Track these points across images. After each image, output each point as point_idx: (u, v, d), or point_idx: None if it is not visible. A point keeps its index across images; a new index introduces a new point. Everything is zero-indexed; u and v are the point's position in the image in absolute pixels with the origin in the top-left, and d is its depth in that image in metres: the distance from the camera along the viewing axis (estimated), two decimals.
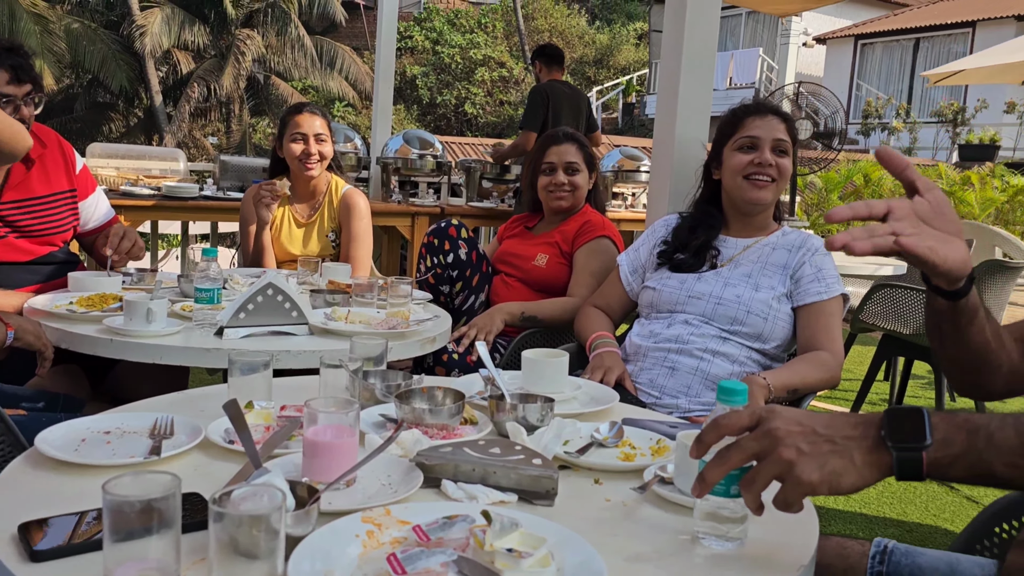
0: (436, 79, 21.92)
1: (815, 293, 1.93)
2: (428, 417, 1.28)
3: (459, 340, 2.36)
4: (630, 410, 1.55)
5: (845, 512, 2.95)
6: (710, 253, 2.04)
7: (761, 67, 18.08)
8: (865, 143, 16.07)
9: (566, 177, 2.58)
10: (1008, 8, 16.12)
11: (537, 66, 5.48)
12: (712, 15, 2.77)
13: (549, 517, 1.00)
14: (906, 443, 0.85)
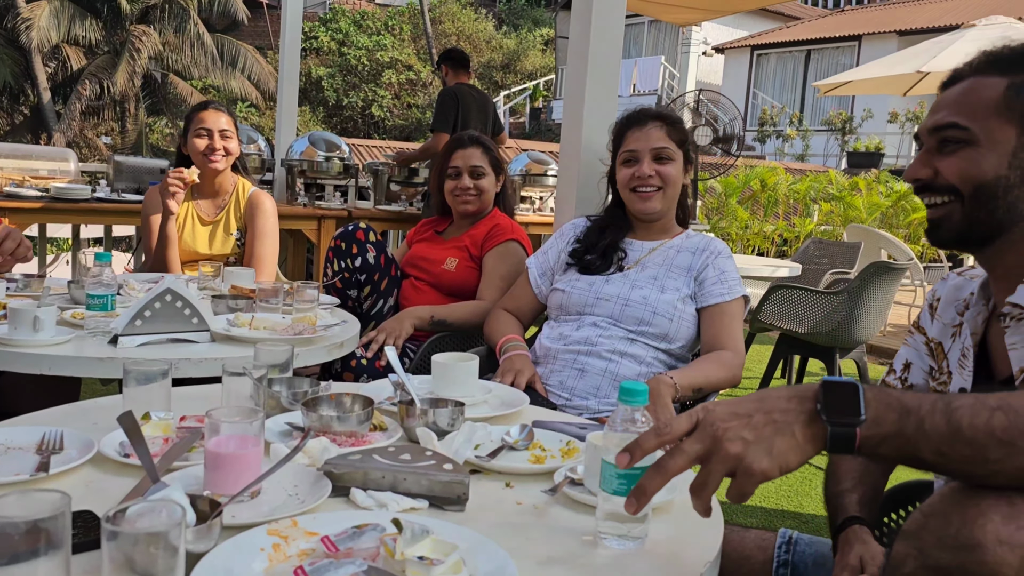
0: (342, 81, 21.61)
1: (718, 295, 1.98)
2: (336, 424, 1.25)
3: (368, 345, 2.33)
4: (540, 412, 1.56)
5: (746, 507, 3.05)
6: (617, 255, 2.08)
7: (663, 75, 18.55)
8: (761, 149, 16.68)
9: (471, 181, 2.58)
10: (890, 24, 17.05)
11: (444, 69, 5.47)
12: (617, 23, 2.82)
13: (461, 523, 1.00)
14: (841, 418, 0.85)
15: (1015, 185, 1.09)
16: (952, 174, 1.12)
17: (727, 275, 2.01)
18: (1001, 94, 1.09)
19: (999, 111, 1.09)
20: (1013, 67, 1.11)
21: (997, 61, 1.13)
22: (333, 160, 5.13)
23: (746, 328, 4.17)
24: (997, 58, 1.13)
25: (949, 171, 1.12)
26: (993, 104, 1.10)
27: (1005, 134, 1.09)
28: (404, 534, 0.85)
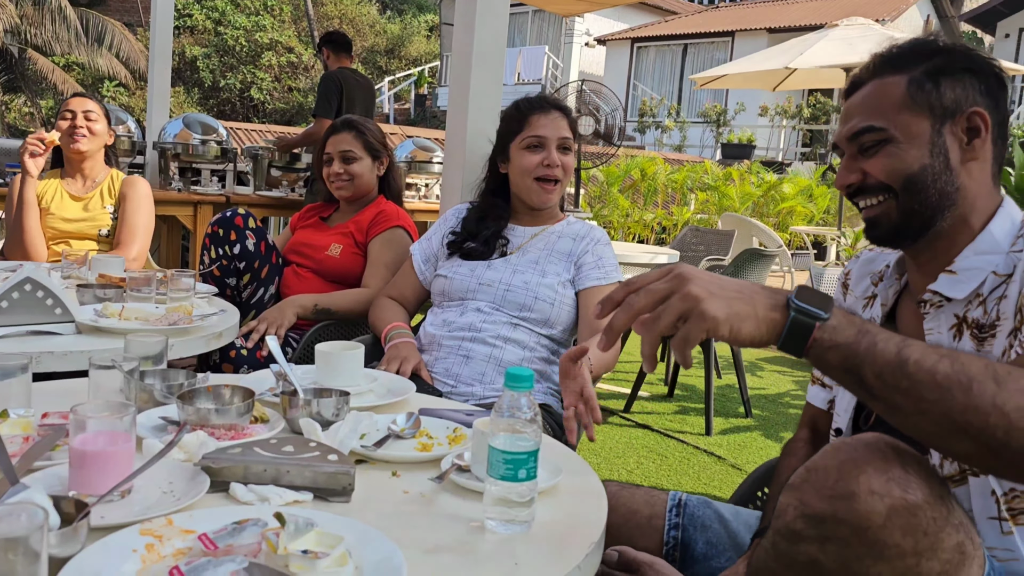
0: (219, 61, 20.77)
1: (595, 278, 2.03)
2: (214, 417, 1.21)
3: (248, 335, 2.26)
4: (426, 400, 1.56)
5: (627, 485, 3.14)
6: (499, 242, 2.09)
7: (547, 64, 18.74)
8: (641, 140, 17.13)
9: (342, 166, 2.54)
10: (761, 21, 17.81)
11: (325, 53, 5.34)
12: (501, 11, 2.82)
13: (346, 514, 0.98)
14: (806, 308, 0.90)
15: (941, 171, 1.14)
16: (880, 173, 1.16)
17: (604, 261, 2.06)
18: (904, 90, 1.15)
19: (907, 105, 1.15)
20: (907, 63, 1.17)
21: (891, 60, 1.18)
22: (210, 144, 4.93)
23: None
24: (890, 58, 1.19)
25: (877, 170, 1.16)
26: (900, 100, 1.15)
27: (919, 126, 1.14)
28: (287, 528, 0.83)
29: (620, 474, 3.26)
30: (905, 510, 0.88)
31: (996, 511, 1.08)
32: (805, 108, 15.83)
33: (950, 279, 1.16)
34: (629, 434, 3.78)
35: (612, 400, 4.33)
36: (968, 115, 1.14)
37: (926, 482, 0.90)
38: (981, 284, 1.14)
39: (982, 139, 1.15)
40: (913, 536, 0.88)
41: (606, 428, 3.84)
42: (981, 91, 1.15)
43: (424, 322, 2.10)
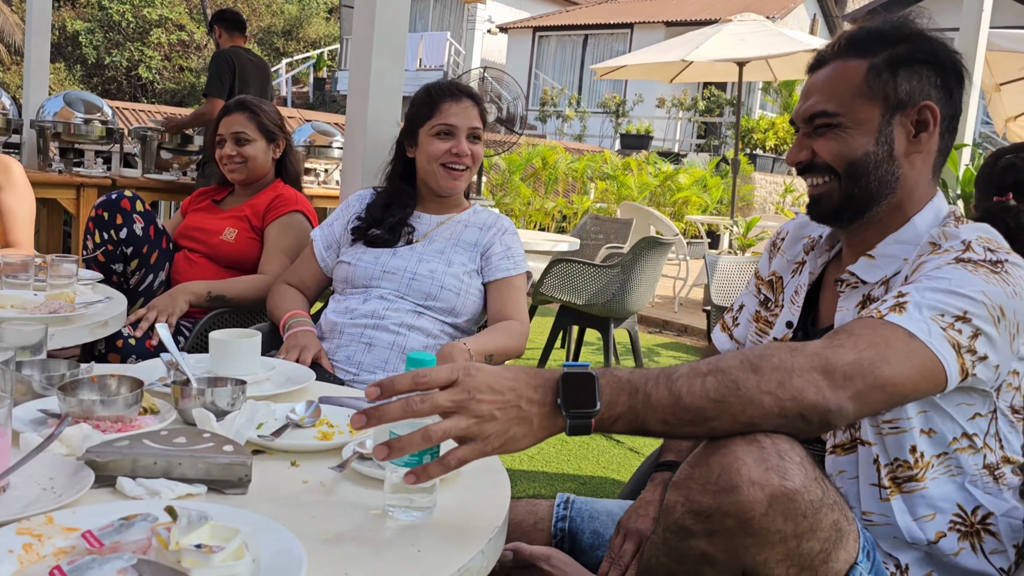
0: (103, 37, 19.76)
1: (505, 269, 2.03)
2: (99, 409, 1.15)
3: (136, 324, 2.16)
4: (327, 388, 1.53)
5: (529, 472, 3.17)
6: (405, 230, 2.06)
7: (449, 51, 18.63)
8: (543, 129, 17.28)
9: (235, 148, 2.45)
10: (659, 14, 18.21)
11: (217, 31, 5.14)
12: None
13: (243, 506, 0.95)
14: (578, 410, 0.93)
15: (884, 160, 1.19)
16: (827, 154, 1.21)
17: (513, 251, 2.06)
18: (862, 77, 1.19)
19: (862, 93, 1.18)
20: (870, 48, 1.20)
21: (855, 43, 1.21)
22: (93, 123, 4.68)
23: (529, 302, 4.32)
24: (856, 39, 1.22)
25: (824, 152, 1.21)
26: (856, 86, 1.19)
27: (869, 113, 1.18)
28: (179, 522, 0.80)
29: (522, 460, 3.29)
30: (784, 496, 0.93)
31: (877, 478, 1.14)
32: (700, 101, 16.30)
33: (868, 263, 1.22)
34: None
35: None
36: (919, 108, 1.18)
37: (801, 466, 0.96)
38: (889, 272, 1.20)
39: (929, 132, 1.20)
40: (793, 520, 0.93)
41: None
42: (936, 84, 1.19)
43: (325, 309, 2.05)
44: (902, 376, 0.99)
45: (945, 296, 1.05)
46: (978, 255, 1.09)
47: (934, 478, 1.14)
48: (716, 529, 0.95)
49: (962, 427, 1.14)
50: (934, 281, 1.07)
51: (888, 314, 1.04)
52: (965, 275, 1.07)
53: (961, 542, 1.14)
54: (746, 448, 0.96)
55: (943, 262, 1.09)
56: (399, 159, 2.13)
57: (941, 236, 1.15)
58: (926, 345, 1.01)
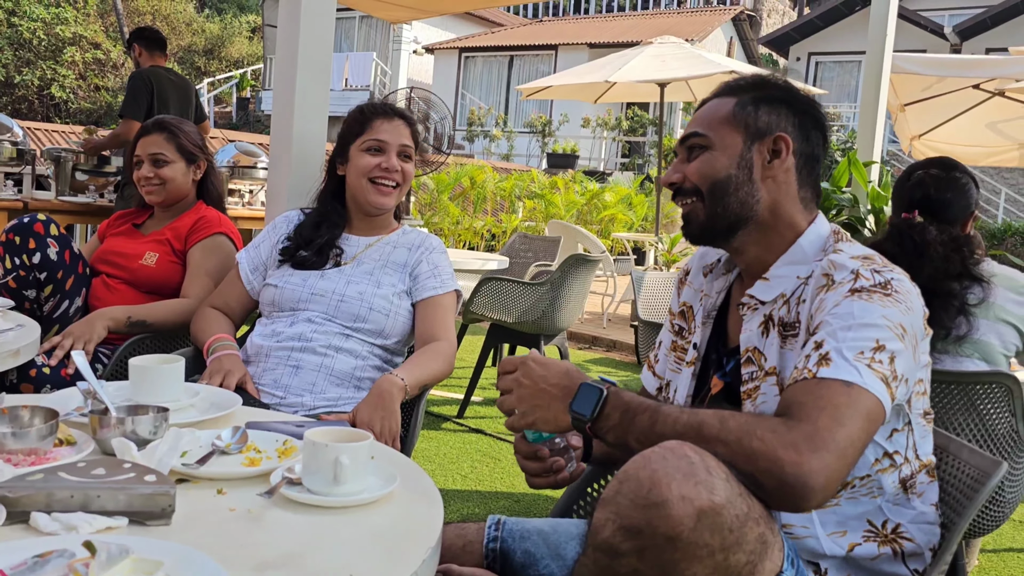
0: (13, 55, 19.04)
1: (431, 288, 2.02)
2: (11, 442, 1.10)
3: (51, 352, 2.07)
4: (254, 413, 1.50)
5: (463, 491, 3.16)
6: (333, 252, 2.04)
7: (375, 71, 18.57)
8: (470, 148, 17.33)
9: (152, 170, 2.40)
10: (582, 36, 18.53)
11: (136, 50, 5.01)
12: (327, 13, 2.76)
13: (167, 537, 0.93)
14: (578, 412, 1.17)
15: (744, 183, 1.30)
16: (693, 175, 1.33)
17: (440, 270, 2.05)
18: (730, 109, 1.33)
19: (729, 121, 1.32)
20: (740, 91, 1.35)
21: (730, 88, 1.37)
22: (3, 144, 4.50)
23: (459, 321, 4.31)
24: (730, 86, 1.38)
25: (692, 173, 1.33)
26: (724, 116, 1.33)
27: (733, 139, 1.31)
28: (98, 557, 0.77)
29: (455, 480, 3.27)
30: (712, 511, 0.96)
31: None
32: (624, 120, 16.61)
33: (764, 285, 1.31)
34: (463, 439, 3.80)
35: (446, 406, 4.34)
36: (775, 138, 1.31)
37: (727, 481, 0.99)
38: (786, 288, 1.28)
39: (782, 160, 1.31)
40: (720, 534, 0.96)
41: (440, 434, 3.85)
42: (793, 123, 1.32)
43: (251, 333, 2.01)
44: (856, 431, 1.06)
45: (856, 332, 1.13)
46: (868, 280, 1.18)
47: (850, 498, 1.20)
48: (646, 546, 0.96)
49: (883, 447, 1.20)
50: (839, 319, 1.15)
51: (818, 370, 1.11)
52: (864, 306, 1.15)
53: (881, 548, 1.19)
54: (676, 463, 0.98)
55: (840, 297, 1.18)
56: (331, 177, 2.12)
57: (831, 267, 1.22)
58: (863, 388, 1.08)
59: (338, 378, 1.89)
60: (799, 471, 1.01)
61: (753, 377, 1.28)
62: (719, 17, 18.95)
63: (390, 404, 1.74)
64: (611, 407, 1.15)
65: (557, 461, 1.35)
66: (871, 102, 4.63)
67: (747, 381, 1.29)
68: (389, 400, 1.74)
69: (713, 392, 1.38)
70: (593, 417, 1.16)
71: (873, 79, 4.64)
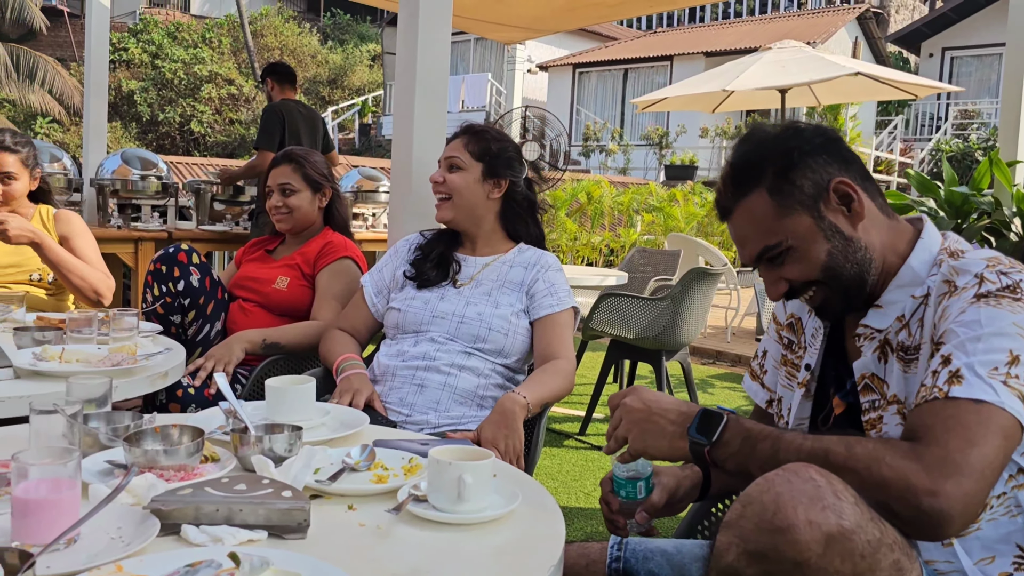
0: (157, 95, 20.46)
1: (548, 306, 2.03)
2: (163, 459, 1.18)
3: (195, 373, 2.21)
4: (381, 432, 1.54)
5: (585, 509, 3.14)
6: (452, 267, 2.09)
7: (491, 91, 18.89)
8: (586, 163, 17.35)
9: (281, 199, 2.53)
10: (698, 45, 18.25)
11: (269, 84, 5.30)
12: (443, 39, 2.85)
13: (302, 550, 0.97)
14: (697, 438, 1.15)
15: (844, 246, 1.21)
16: (798, 275, 1.24)
17: (557, 287, 2.07)
18: (769, 201, 1.22)
19: (780, 214, 1.22)
20: (753, 177, 1.24)
21: (739, 182, 1.25)
22: (149, 179, 4.85)
23: (579, 337, 4.31)
24: (736, 180, 1.26)
25: (795, 275, 1.24)
26: (772, 212, 1.22)
27: (802, 223, 1.21)
28: (242, 568, 0.82)
29: (577, 497, 3.26)
30: (841, 536, 0.92)
31: None
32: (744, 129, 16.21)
33: (877, 312, 1.24)
34: (585, 456, 3.79)
35: (567, 423, 4.34)
36: (832, 188, 1.21)
37: (856, 505, 0.95)
38: (903, 310, 1.21)
39: (858, 199, 1.21)
40: (851, 560, 0.92)
41: (562, 451, 3.85)
42: (827, 161, 1.22)
43: (377, 353, 2.08)
44: (991, 451, 1.00)
45: (986, 343, 1.06)
46: (994, 284, 1.10)
47: (991, 519, 1.12)
48: (772, 572, 0.93)
49: (1017, 463, 1.11)
50: (966, 329, 1.08)
51: (950, 389, 1.05)
52: (992, 313, 1.08)
53: None
54: (801, 486, 0.95)
55: (965, 303, 1.10)
56: None
57: (952, 272, 1.15)
58: (998, 407, 1.02)
59: (461, 397, 1.93)
60: (935, 499, 0.96)
61: (875, 406, 1.22)
62: (842, 17, 18.24)
63: (513, 422, 1.76)
64: (732, 433, 1.14)
65: (618, 519, 1.35)
66: (1014, 97, 4.34)
67: (868, 410, 1.23)
68: (512, 418, 1.76)
69: (836, 413, 1.32)
70: (713, 442, 1.13)
71: (1015, 72, 4.35)
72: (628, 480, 1.34)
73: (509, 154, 2.12)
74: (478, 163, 2.07)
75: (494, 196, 2.10)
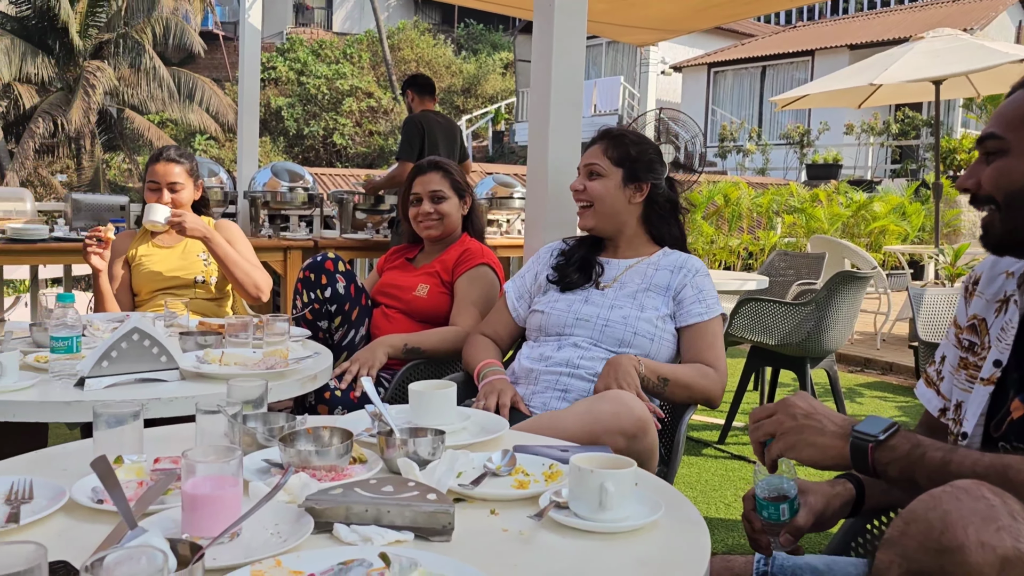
0: (302, 110, 21.55)
1: (697, 314, 1.99)
2: (315, 459, 1.23)
3: (341, 376, 2.30)
4: (521, 437, 1.55)
5: (726, 520, 3.05)
6: (595, 269, 2.09)
7: (623, 94, 18.75)
8: (723, 165, 16.92)
9: (432, 206, 2.58)
10: (842, 38, 17.44)
11: (409, 96, 5.46)
12: (578, 44, 2.84)
13: (447, 553, 0.98)
14: (861, 434, 1.08)
15: None
16: (988, 183, 1.17)
17: (705, 294, 2.03)
18: None
19: None
20: None
21: None
22: (297, 190, 5.09)
23: None
24: None
25: (987, 180, 1.17)
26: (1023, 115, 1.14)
27: None
28: (392, 568, 0.84)
29: (718, 508, 3.17)
30: (1019, 560, 0.85)
31: None
32: (893, 124, 15.35)
33: None
34: (725, 466, 3.68)
35: (706, 431, 4.23)
36: None
37: None
38: None
39: None
40: None
41: (701, 460, 3.76)
42: None
43: (519, 354, 2.10)
44: None
45: None
46: None
47: None
48: None
49: None
50: None
51: None
52: None
53: None
54: (972, 505, 0.87)
55: None
56: None
57: None
58: None
59: None
60: None
61: None
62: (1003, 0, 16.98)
63: (622, 367, 1.80)
64: (901, 438, 1.07)
65: (761, 538, 1.28)
66: None
67: None
68: (619, 364, 1.81)
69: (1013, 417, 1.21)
70: (880, 440, 1.07)
71: None
72: (770, 502, 1.26)
73: (649, 156, 2.10)
74: (618, 168, 2.07)
75: (636, 201, 2.09)
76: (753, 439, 1.20)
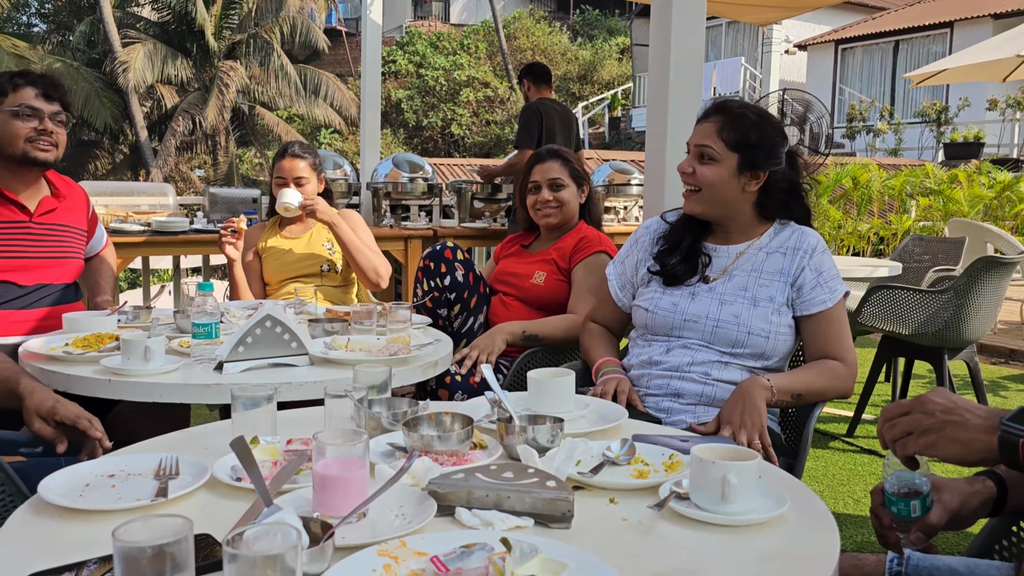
0: (421, 102, 22.00)
1: (820, 302, 1.84)
2: (437, 444, 1.26)
3: (461, 362, 2.34)
4: (640, 427, 1.54)
5: (855, 517, 2.93)
6: (701, 260, 1.92)
7: (744, 76, 18.20)
8: (851, 146, 16.16)
9: (551, 194, 2.57)
10: (985, 7, 16.29)
11: (526, 85, 5.49)
12: (697, 26, 2.78)
13: (567, 540, 0.99)
14: (1012, 427, 1.00)
15: None
16: None
17: (826, 275, 1.86)
18: None
19: None
20: None
21: None
22: (417, 180, 5.21)
23: None
24: None
25: None
26: None
27: None
28: (513, 553, 0.85)
29: (846, 504, 3.05)
30: None
31: None
32: None
33: None
34: (853, 460, 3.53)
35: (834, 424, 4.08)
36: None
37: None
38: None
39: None
40: None
41: (828, 453, 3.62)
42: None
43: (628, 358, 2.02)
44: None
45: None
46: None
47: None
48: None
49: None
50: None
51: None
52: None
53: None
54: None
55: None
56: None
57: None
58: None
59: (719, 407, 1.79)
60: None
61: None
62: None
63: (750, 400, 1.65)
64: None
65: (891, 535, 1.21)
66: None
67: None
68: (748, 396, 1.66)
69: None
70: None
71: None
72: (900, 497, 1.20)
73: (771, 141, 1.86)
74: (733, 153, 1.84)
75: (751, 189, 1.87)
76: (888, 438, 1.13)
